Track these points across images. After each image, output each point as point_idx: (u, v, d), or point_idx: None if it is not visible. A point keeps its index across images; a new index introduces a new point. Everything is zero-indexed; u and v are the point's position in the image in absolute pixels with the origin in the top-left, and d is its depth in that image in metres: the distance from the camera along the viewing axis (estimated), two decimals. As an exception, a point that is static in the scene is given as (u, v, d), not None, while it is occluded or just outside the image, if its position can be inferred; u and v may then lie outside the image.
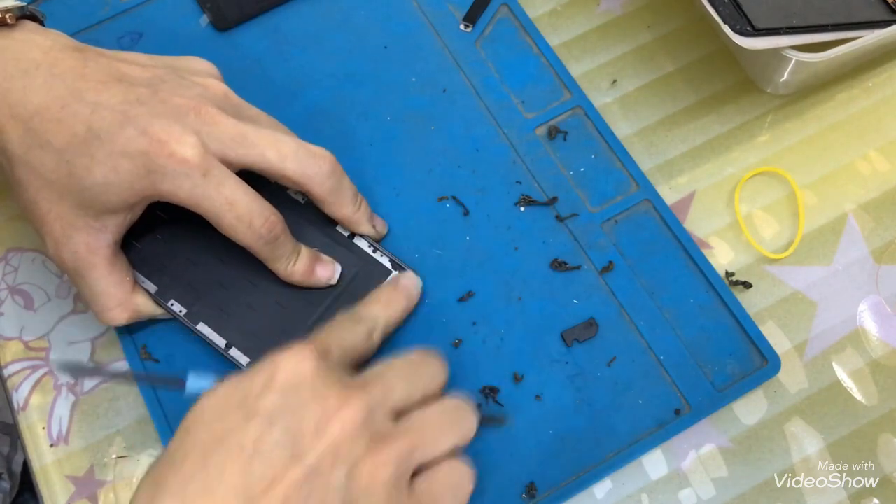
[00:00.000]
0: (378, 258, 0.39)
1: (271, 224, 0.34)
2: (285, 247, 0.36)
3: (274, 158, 0.34)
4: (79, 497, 0.38)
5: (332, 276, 0.38)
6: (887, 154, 0.43)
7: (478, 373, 0.38)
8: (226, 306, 0.38)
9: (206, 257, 0.38)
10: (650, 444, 0.37)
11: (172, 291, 0.38)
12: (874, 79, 0.45)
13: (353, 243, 0.39)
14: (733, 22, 0.37)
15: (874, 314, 0.40)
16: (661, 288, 0.40)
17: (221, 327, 0.38)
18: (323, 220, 0.39)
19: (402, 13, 0.47)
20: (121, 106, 0.33)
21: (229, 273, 0.38)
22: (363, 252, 0.39)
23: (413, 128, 0.44)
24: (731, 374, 0.38)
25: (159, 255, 0.39)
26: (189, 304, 0.38)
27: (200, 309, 0.38)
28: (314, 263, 0.38)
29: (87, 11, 0.47)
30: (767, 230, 0.42)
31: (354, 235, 0.39)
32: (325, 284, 0.38)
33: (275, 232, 0.35)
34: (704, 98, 0.45)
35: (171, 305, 0.38)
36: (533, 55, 0.45)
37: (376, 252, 0.39)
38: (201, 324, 0.38)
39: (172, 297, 0.38)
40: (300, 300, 0.38)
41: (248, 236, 0.34)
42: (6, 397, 0.40)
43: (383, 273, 0.39)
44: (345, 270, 0.39)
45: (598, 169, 0.42)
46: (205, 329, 0.38)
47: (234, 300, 0.38)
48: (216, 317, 0.38)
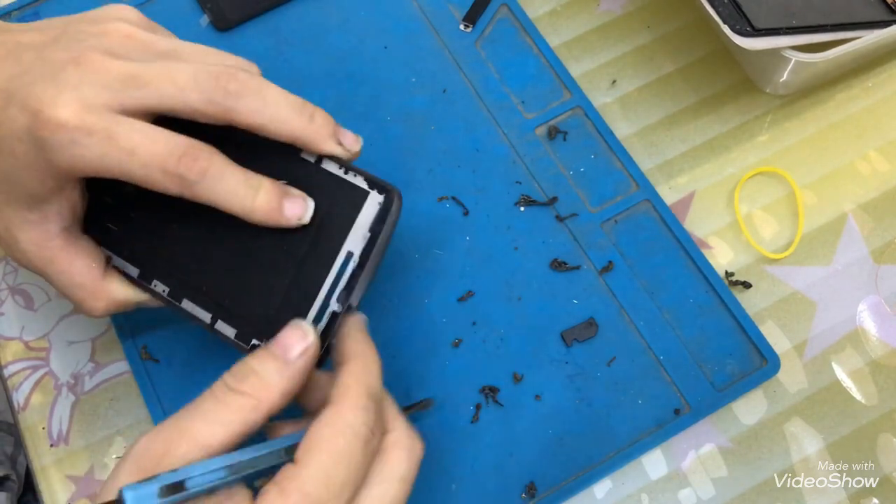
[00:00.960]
0: (351, 179, 0.32)
1: (190, 160, 0.29)
2: (228, 180, 0.30)
3: (173, 92, 0.29)
4: (79, 497, 0.38)
5: (304, 213, 0.31)
6: (887, 154, 0.43)
7: (478, 373, 0.38)
8: (204, 276, 0.33)
9: (180, 225, 0.34)
10: (650, 444, 0.37)
11: (155, 272, 0.34)
12: (874, 79, 0.45)
13: (321, 169, 0.32)
14: (733, 22, 0.37)
15: (874, 314, 0.40)
16: (660, 288, 0.40)
17: (204, 301, 0.33)
18: (281, 151, 0.32)
19: (402, 13, 0.47)
20: (5, 83, 0.29)
21: (204, 236, 0.33)
22: (334, 177, 0.32)
23: (413, 128, 0.44)
24: (731, 373, 0.38)
25: (138, 235, 0.34)
26: (172, 282, 0.34)
27: (182, 285, 0.34)
28: (281, 198, 0.31)
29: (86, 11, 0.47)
30: (767, 230, 0.42)
31: (322, 160, 0.32)
32: (298, 223, 0.31)
33: (199, 166, 0.29)
34: (704, 98, 0.45)
35: (154, 286, 0.34)
36: (533, 55, 0.45)
37: (348, 173, 0.32)
38: (185, 301, 0.33)
39: (155, 277, 0.34)
40: (274, 253, 0.32)
41: (168, 183, 0.29)
42: (6, 397, 0.40)
43: (360, 196, 0.32)
44: (317, 203, 0.32)
45: (597, 169, 0.42)
46: (188, 305, 0.33)
47: (211, 267, 0.33)
48: (197, 290, 0.33)
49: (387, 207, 0.31)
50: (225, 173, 0.30)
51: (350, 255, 0.31)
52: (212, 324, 0.33)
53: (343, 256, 0.31)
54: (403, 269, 0.40)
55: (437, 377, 0.38)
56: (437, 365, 0.38)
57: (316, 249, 0.32)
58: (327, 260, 0.31)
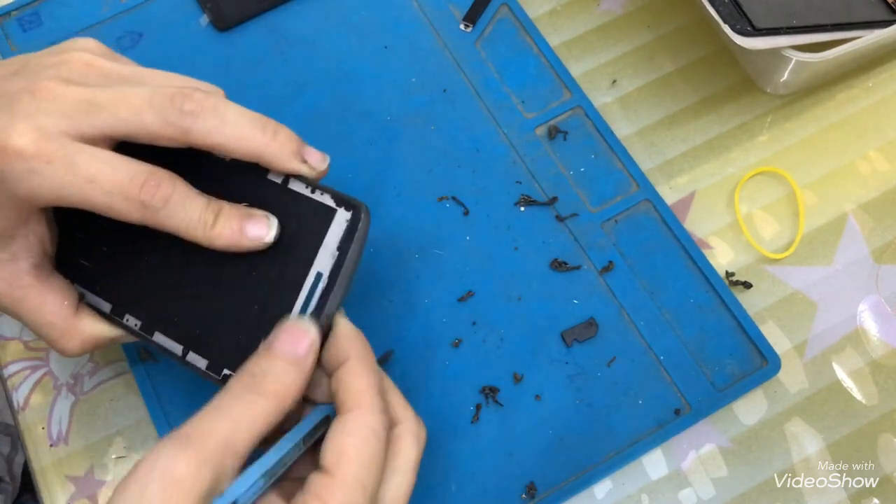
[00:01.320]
0: (318, 197, 0.31)
1: (153, 187, 0.28)
2: (188, 208, 0.29)
3: (129, 117, 0.29)
4: (79, 497, 0.38)
5: (267, 232, 0.30)
6: (887, 154, 0.43)
7: (478, 373, 0.38)
8: (174, 307, 0.32)
9: (149, 255, 0.33)
10: (650, 444, 0.37)
11: (127, 306, 0.33)
12: (874, 79, 0.45)
13: (288, 189, 0.31)
14: (733, 22, 0.37)
15: (874, 314, 0.40)
16: (661, 288, 0.40)
17: (175, 333, 0.32)
18: (247, 173, 0.32)
19: (402, 13, 0.47)
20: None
21: (173, 266, 0.32)
22: (301, 196, 0.31)
23: (413, 128, 0.44)
24: (731, 374, 0.38)
25: (109, 269, 0.33)
26: (144, 315, 0.33)
27: (152, 317, 0.33)
28: (242, 221, 0.30)
29: (86, 11, 0.47)
30: (767, 230, 0.42)
31: (289, 179, 0.32)
32: (261, 244, 0.30)
33: (162, 194, 0.29)
34: (704, 98, 0.45)
35: (126, 321, 0.33)
36: (533, 55, 0.45)
37: (315, 192, 0.31)
38: (157, 334, 0.32)
39: (127, 311, 0.33)
40: (243, 278, 0.31)
41: (130, 210, 0.29)
42: (6, 397, 0.40)
43: (328, 214, 0.31)
44: (284, 223, 0.31)
45: (598, 169, 0.42)
46: (160, 338, 0.32)
47: (181, 297, 0.32)
48: (168, 322, 0.32)
49: (354, 224, 0.30)
50: (186, 200, 0.29)
51: (319, 276, 0.31)
52: (183, 356, 0.32)
53: (312, 277, 0.31)
54: (403, 269, 0.40)
55: (437, 377, 0.38)
56: (437, 365, 0.38)
57: (285, 272, 0.31)
58: (297, 282, 0.31)
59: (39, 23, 0.47)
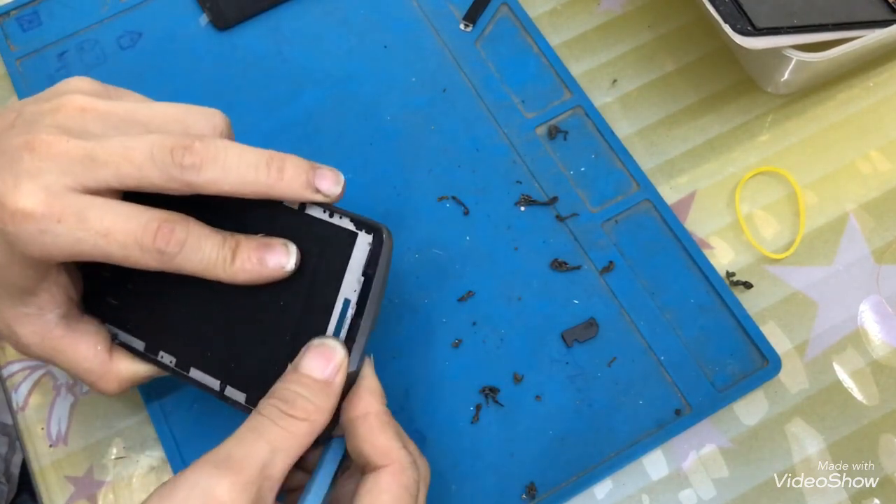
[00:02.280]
0: (337, 222, 0.31)
1: (166, 234, 0.28)
2: (206, 248, 0.29)
3: (131, 171, 0.28)
4: (78, 497, 0.38)
5: (287, 260, 0.30)
6: (888, 154, 0.43)
7: (478, 373, 0.38)
8: (208, 342, 0.32)
9: (184, 296, 0.33)
10: (650, 445, 0.37)
11: (160, 343, 0.33)
12: (875, 78, 0.45)
13: (305, 215, 0.31)
14: (734, 21, 0.37)
15: (875, 314, 0.40)
16: (661, 288, 0.40)
17: (211, 367, 0.32)
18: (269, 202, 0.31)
19: (402, 13, 0.46)
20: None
21: (202, 302, 0.32)
22: (320, 221, 0.31)
23: (413, 128, 0.43)
24: (732, 374, 0.38)
25: (139, 307, 0.33)
26: (178, 352, 0.33)
27: (187, 353, 0.33)
28: (260, 252, 0.30)
29: (86, 11, 0.47)
30: (768, 230, 0.42)
31: (305, 205, 0.31)
32: (283, 273, 0.30)
33: (176, 237, 0.29)
34: (705, 98, 0.45)
35: (161, 358, 0.33)
36: (533, 55, 0.45)
37: (334, 216, 0.31)
38: (192, 370, 0.32)
39: (161, 349, 0.33)
40: (272, 309, 0.31)
41: (148, 259, 0.28)
42: (5, 398, 0.40)
43: (349, 239, 0.30)
44: (306, 250, 0.31)
45: (598, 169, 0.42)
46: (197, 374, 0.32)
47: (213, 332, 0.32)
48: (203, 357, 0.32)
49: (377, 248, 0.30)
50: (201, 241, 0.29)
51: (347, 302, 0.30)
52: (221, 391, 0.32)
53: (341, 304, 0.30)
54: (403, 269, 0.40)
55: (437, 377, 0.38)
56: (437, 365, 0.38)
57: (313, 301, 0.31)
58: (326, 308, 0.30)
59: (39, 23, 0.47)
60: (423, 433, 0.37)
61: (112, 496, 0.38)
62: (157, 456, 0.38)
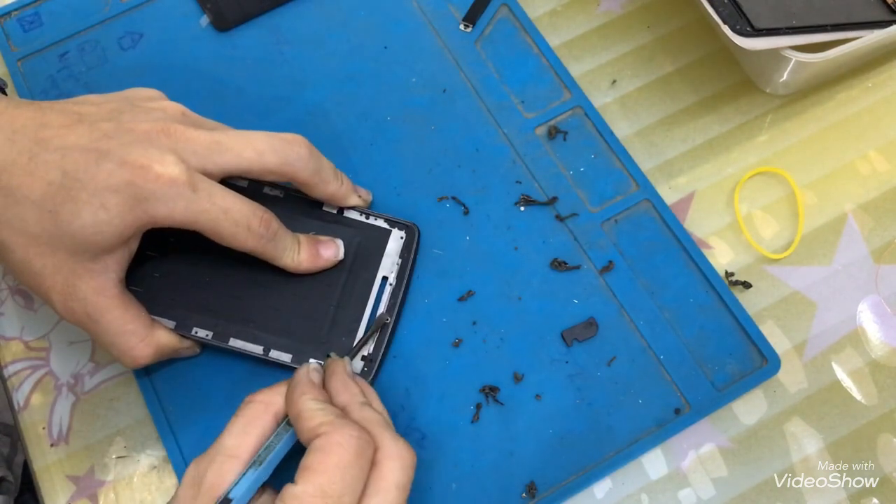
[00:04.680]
0: (373, 222, 0.40)
1: (267, 221, 0.35)
2: (286, 239, 0.36)
3: (253, 156, 0.34)
4: (79, 497, 0.38)
5: (337, 252, 0.38)
6: (887, 154, 0.43)
7: (478, 372, 0.38)
8: (248, 315, 0.38)
9: (209, 277, 0.38)
10: (650, 444, 0.37)
11: (191, 320, 0.38)
12: (874, 79, 0.45)
13: (344, 217, 0.40)
14: (733, 22, 0.37)
15: (874, 314, 0.40)
16: (660, 287, 0.40)
17: (253, 336, 0.38)
18: (306, 207, 0.40)
19: (402, 13, 0.47)
20: (91, 144, 0.32)
21: (239, 283, 0.38)
22: (357, 222, 0.40)
23: (413, 128, 0.44)
24: (731, 373, 0.38)
25: (163, 291, 0.38)
26: (212, 325, 0.38)
27: (225, 327, 0.38)
28: (316, 246, 0.38)
29: (87, 11, 0.47)
30: (767, 230, 0.42)
31: (343, 210, 0.40)
32: (333, 262, 0.38)
33: (273, 227, 0.35)
34: (704, 98, 0.45)
35: (195, 333, 0.37)
36: (533, 55, 0.45)
37: (370, 218, 0.40)
38: (232, 339, 0.38)
39: (193, 325, 0.38)
40: (316, 286, 0.38)
41: (250, 239, 0.34)
42: (7, 397, 0.40)
43: (384, 234, 0.40)
44: (347, 243, 0.39)
45: (598, 169, 0.42)
46: (237, 343, 0.38)
47: (254, 307, 0.38)
48: (243, 329, 0.38)
49: (410, 239, 0.40)
50: (283, 233, 0.36)
51: (385, 279, 0.39)
52: (265, 354, 0.37)
53: (379, 281, 0.39)
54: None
55: (437, 377, 0.38)
56: (438, 364, 0.38)
57: (354, 280, 0.39)
58: (366, 285, 0.39)
59: (40, 23, 0.47)
60: (423, 432, 0.37)
61: (113, 495, 0.38)
62: (159, 455, 0.38)
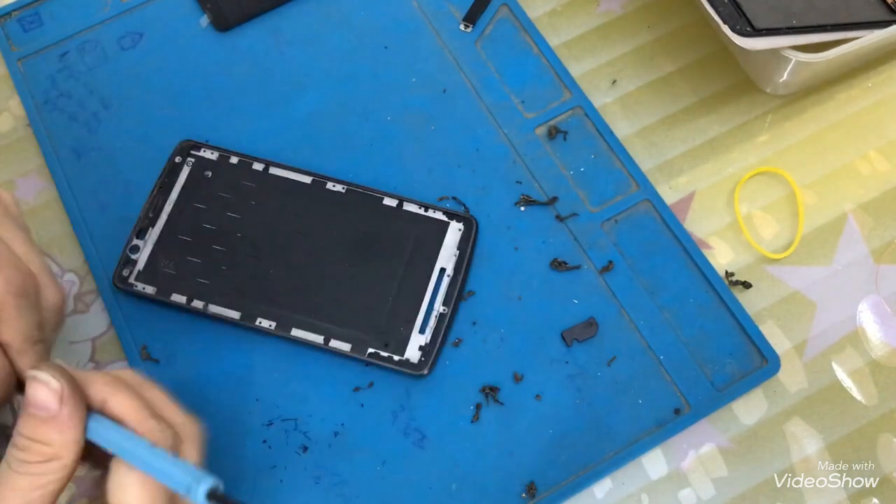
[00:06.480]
0: (432, 215, 0.40)
1: None
2: None
3: None
4: (79, 497, 0.38)
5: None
6: (887, 154, 0.43)
7: (478, 372, 0.38)
8: (310, 306, 0.38)
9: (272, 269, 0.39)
10: (650, 444, 0.37)
11: (256, 311, 0.39)
12: (874, 79, 0.45)
13: (403, 211, 0.40)
14: (733, 22, 0.37)
15: (874, 314, 0.40)
16: (661, 288, 0.40)
17: (313, 326, 0.38)
18: (367, 202, 0.41)
19: (402, 13, 0.47)
20: None
21: (300, 274, 0.39)
22: (416, 215, 0.40)
23: (413, 128, 0.44)
24: (731, 373, 0.38)
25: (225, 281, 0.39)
26: (276, 316, 0.38)
27: (288, 317, 0.38)
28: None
29: (87, 11, 0.47)
30: (767, 230, 0.42)
31: (402, 204, 0.40)
32: None
33: None
34: (704, 98, 0.45)
35: (258, 324, 0.38)
36: (533, 55, 0.45)
37: (428, 210, 0.40)
38: (294, 329, 0.38)
39: (259, 315, 0.38)
40: (376, 278, 0.39)
41: None
42: (6, 397, 0.40)
43: (442, 227, 0.40)
44: (405, 236, 0.40)
45: (598, 169, 0.42)
46: (298, 333, 0.38)
47: (315, 298, 0.39)
48: (305, 319, 0.38)
49: (468, 232, 0.40)
50: None
51: (443, 271, 0.39)
52: (326, 343, 0.38)
53: (437, 272, 0.39)
54: (403, 269, 0.40)
55: (438, 377, 0.38)
56: (438, 365, 0.38)
57: (413, 271, 0.39)
58: (424, 276, 0.39)
59: (40, 23, 0.47)
60: (423, 432, 0.37)
61: (113, 495, 0.38)
62: (158, 455, 0.38)
